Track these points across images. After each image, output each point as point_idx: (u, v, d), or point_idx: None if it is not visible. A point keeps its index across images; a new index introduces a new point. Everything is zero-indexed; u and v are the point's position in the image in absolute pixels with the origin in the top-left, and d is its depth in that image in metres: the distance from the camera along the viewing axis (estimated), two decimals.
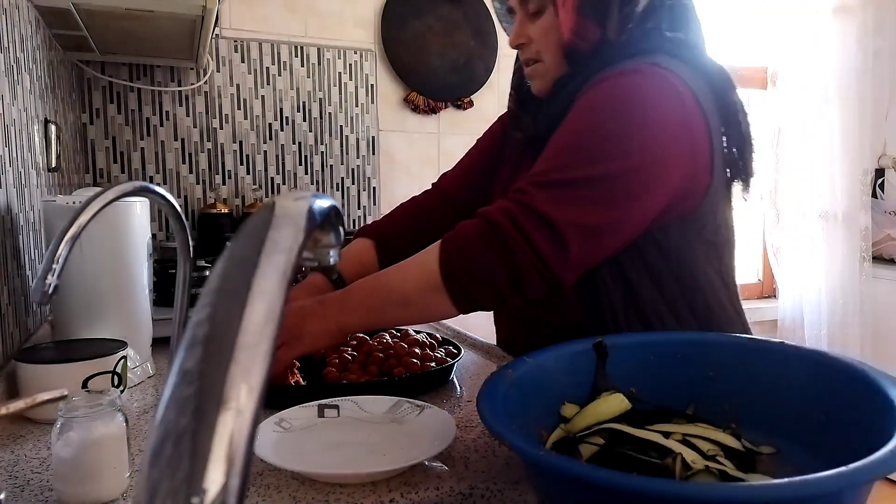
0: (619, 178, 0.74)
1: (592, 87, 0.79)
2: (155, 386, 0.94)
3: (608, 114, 0.76)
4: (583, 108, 0.78)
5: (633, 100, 0.76)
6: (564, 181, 0.73)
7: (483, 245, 0.72)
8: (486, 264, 0.72)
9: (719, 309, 0.86)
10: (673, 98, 0.77)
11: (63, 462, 0.58)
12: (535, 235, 0.71)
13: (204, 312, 0.20)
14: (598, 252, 0.77)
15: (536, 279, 0.72)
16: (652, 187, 0.76)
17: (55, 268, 0.58)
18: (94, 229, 0.69)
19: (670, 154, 0.76)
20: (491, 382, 0.57)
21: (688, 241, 0.83)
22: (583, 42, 0.84)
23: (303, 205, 0.26)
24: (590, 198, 0.73)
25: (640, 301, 0.82)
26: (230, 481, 0.17)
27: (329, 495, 0.60)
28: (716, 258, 0.87)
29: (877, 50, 2.82)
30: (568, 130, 0.78)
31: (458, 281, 0.73)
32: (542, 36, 0.87)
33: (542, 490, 0.50)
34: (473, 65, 2.36)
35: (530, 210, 0.72)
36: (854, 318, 2.76)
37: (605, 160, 0.74)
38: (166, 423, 0.18)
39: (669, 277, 0.83)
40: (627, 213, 0.75)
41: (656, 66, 0.79)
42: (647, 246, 0.81)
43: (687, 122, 0.78)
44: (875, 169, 2.94)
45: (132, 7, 1.27)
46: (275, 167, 2.12)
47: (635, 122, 0.75)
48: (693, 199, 0.81)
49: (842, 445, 0.52)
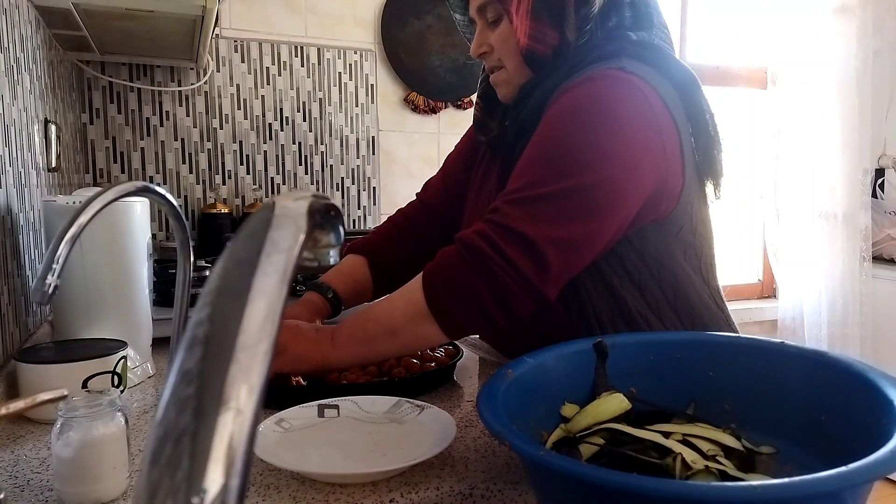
0: (592, 189, 0.74)
1: (561, 97, 0.79)
2: (155, 386, 0.94)
3: (577, 125, 0.76)
4: (552, 119, 0.78)
5: (602, 109, 0.76)
6: (538, 196, 0.74)
7: (464, 269, 0.73)
8: (470, 288, 0.73)
9: (702, 307, 0.86)
10: (641, 103, 0.77)
11: (63, 462, 0.58)
12: (514, 254, 0.72)
13: (204, 312, 0.20)
14: (578, 263, 0.77)
15: (521, 297, 0.73)
16: (626, 195, 0.76)
17: (55, 268, 0.58)
18: (94, 229, 0.69)
19: (642, 160, 0.77)
20: (491, 382, 0.57)
21: (666, 243, 0.83)
22: (540, 46, 0.84)
23: (303, 205, 0.26)
24: (565, 211, 0.73)
25: (624, 305, 0.82)
26: (230, 481, 0.17)
27: (329, 495, 0.60)
28: (694, 257, 0.87)
29: (877, 50, 2.82)
30: (539, 143, 0.78)
31: (444, 307, 0.74)
32: (501, 43, 0.87)
33: (542, 490, 0.50)
34: (473, 65, 2.35)
35: (506, 229, 0.72)
36: (854, 318, 2.76)
37: (578, 172, 0.74)
38: (166, 423, 0.18)
39: (650, 280, 0.83)
40: (604, 224, 0.76)
41: (622, 70, 0.78)
42: (626, 251, 0.82)
43: (657, 127, 0.78)
44: (875, 169, 2.94)
45: (132, 7, 1.27)
46: (275, 167, 2.12)
47: (605, 131, 0.75)
48: (667, 203, 0.81)
49: (842, 445, 0.52)
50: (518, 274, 0.72)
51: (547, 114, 0.80)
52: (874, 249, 2.81)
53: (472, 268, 0.73)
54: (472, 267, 0.73)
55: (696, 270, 0.87)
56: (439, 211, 1.09)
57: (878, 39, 2.83)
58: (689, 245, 0.86)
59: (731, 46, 2.85)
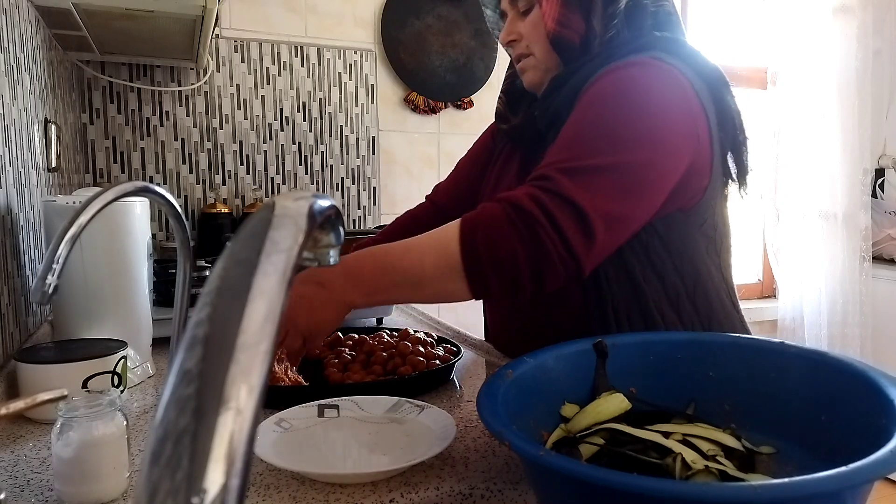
0: (639, 167, 0.74)
1: (601, 79, 0.79)
2: (155, 386, 0.94)
3: (621, 104, 0.76)
4: (593, 99, 0.78)
5: (643, 90, 0.77)
6: (592, 167, 0.72)
7: (510, 232, 0.69)
8: (511, 253, 0.70)
9: (719, 304, 0.87)
10: (678, 90, 0.78)
11: (63, 462, 0.58)
12: (566, 224, 0.69)
13: (204, 312, 0.20)
14: (617, 241, 0.76)
15: (559, 269, 0.71)
16: (666, 177, 0.77)
17: (55, 268, 0.58)
18: (94, 229, 0.69)
19: (681, 144, 0.78)
20: (491, 382, 0.57)
21: (690, 234, 0.84)
22: (568, 31, 0.85)
23: (303, 205, 0.26)
24: (618, 185, 0.72)
25: (643, 297, 0.82)
26: (230, 481, 0.17)
27: (329, 495, 0.60)
28: (714, 253, 0.88)
29: (877, 50, 2.82)
30: (581, 120, 0.78)
31: (480, 268, 0.71)
32: (531, 30, 0.89)
33: (542, 490, 0.50)
34: (473, 65, 2.36)
35: (561, 197, 0.70)
36: (854, 318, 2.76)
37: (625, 149, 0.73)
38: (166, 423, 0.18)
39: (672, 271, 0.83)
40: (646, 203, 0.76)
41: (662, 60, 0.80)
42: (651, 239, 0.82)
43: (692, 115, 0.79)
44: (875, 169, 2.94)
45: (132, 7, 1.27)
46: (275, 167, 2.12)
47: (648, 112, 0.76)
48: (693, 192, 0.82)
49: (842, 445, 0.52)
50: (565, 244, 0.70)
51: (585, 95, 0.80)
52: (874, 249, 2.81)
53: (518, 232, 0.69)
54: (519, 231, 0.69)
55: (716, 267, 0.88)
56: (450, 212, 1.09)
57: (878, 39, 2.83)
58: (710, 240, 0.87)
59: (731, 46, 2.85)
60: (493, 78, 2.39)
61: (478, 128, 2.38)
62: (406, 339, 1.01)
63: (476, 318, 1.03)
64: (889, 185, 2.93)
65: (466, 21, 2.33)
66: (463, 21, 2.33)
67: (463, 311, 2.41)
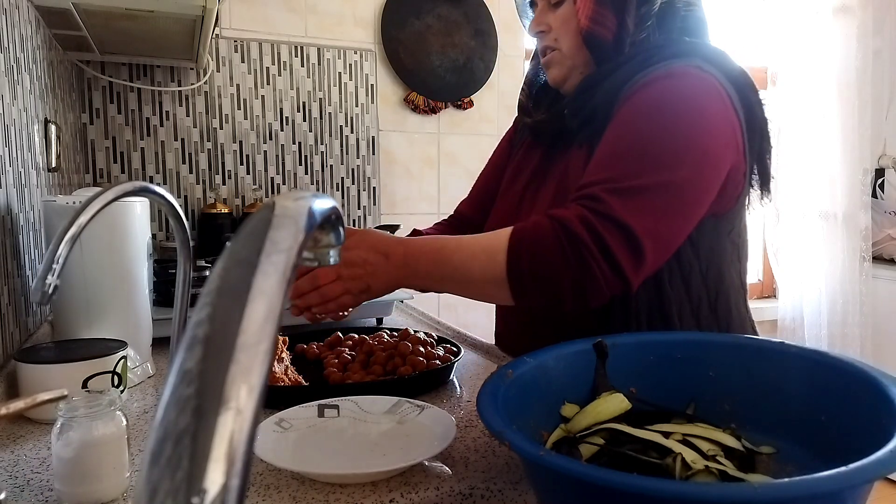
0: (687, 185, 0.74)
1: (640, 91, 0.79)
2: (155, 386, 0.94)
3: (667, 119, 0.76)
4: (637, 112, 0.78)
5: (688, 104, 0.77)
6: (641, 188, 0.72)
7: (557, 255, 0.70)
8: (555, 275, 0.71)
9: (736, 311, 0.87)
10: (720, 101, 0.78)
11: (63, 462, 0.58)
12: (616, 247, 0.70)
13: (204, 312, 0.20)
14: (664, 259, 0.77)
15: (604, 291, 0.71)
16: (710, 193, 0.77)
17: (55, 268, 0.58)
18: (94, 229, 0.69)
19: (725, 157, 0.78)
20: (491, 382, 0.57)
21: (719, 240, 0.84)
22: (601, 29, 0.85)
23: (303, 205, 0.26)
24: (667, 204, 0.73)
25: (668, 300, 0.82)
26: (230, 481, 0.17)
27: (329, 495, 0.60)
28: (737, 259, 0.88)
29: (877, 50, 2.82)
30: (630, 134, 0.77)
31: (523, 283, 0.73)
32: (561, 24, 0.88)
33: (542, 490, 0.50)
34: (473, 65, 2.36)
35: (611, 220, 0.70)
36: (854, 318, 2.76)
37: (679, 166, 0.73)
38: (166, 423, 0.18)
39: (698, 277, 0.83)
40: (694, 219, 0.76)
41: (700, 69, 0.79)
42: (682, 244, 0.82)
43: (732, 126, 0.79)
44: (875, 169, 2.94)
45: (132, 7, 1.27)
46: (275, 167, 2.12)
47: (694, 127, 0.75)
48: (728, 200, 0.82)
49: (842, 445, 0.52)
50: (613, 267, 0.70)
51: (627, 106, 0.79)
52: (874, 249, 2.81)
53: (565, 256, 0.70)
54: (566, 255, 0.70)
55: (737, 272, 0.88)
56: (475, 220, 1.08)
57: (878, 39, 2.83)
58: (735, 247, 0.87)
59: (731, 46, 2.85)
60: (493, 78, 2.39)
61: (478, 128, 2.41)
62: (406, 339, 1.01)
63: (476, 319, 1.03)
64: (889, 185, 2.93)
65: (466, 21, 2.33)
66: (463, 21, 2.33)
67: (463, 311, 2.42)
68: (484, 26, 2.35)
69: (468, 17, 2.33)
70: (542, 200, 0.91)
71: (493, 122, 2.42)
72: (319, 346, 1.06)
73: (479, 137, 2.40)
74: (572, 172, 0.86)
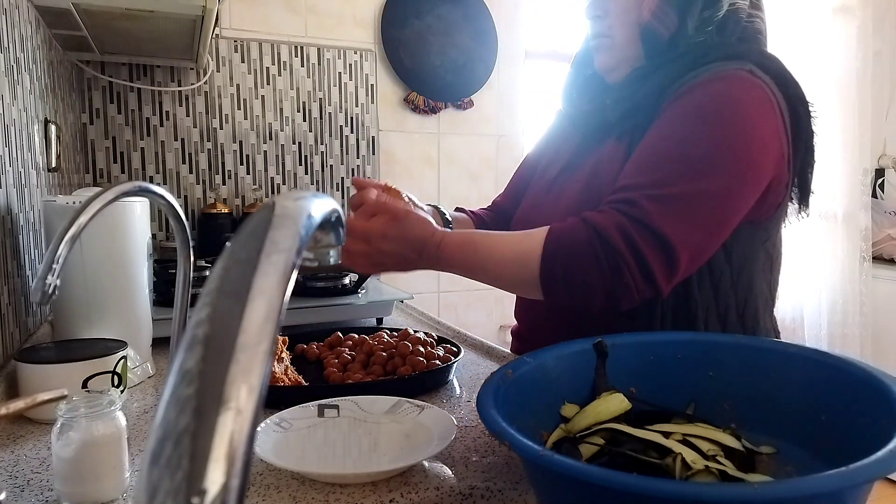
0: (730, 194, 0.73)
1: (693, 91, 0.77)
2: (155, 386, 0.94)
3: (716, 125, 0.74)
4: (688, 113, 0.76)
5: (741, 109, 0.75)
6: (682, 196, 0.71)
7: (591, 262, 0.70)
8: (588, 282, 0.71)
9: (763, 321, 0.86)
10: (769, 111, 0.76)
11: (63, 462, 0.58)
12: (651, 256, 0.69)
13: (204, 312, 0.20)
14: (698, 266, 0.76)
15: (635, 298, 0.71)
16: (748, 203, 0.76)
17: (55, 268, 0.58)
18: (94, 229, 0.69)
19: (769, 166, 0.76)
20: (491, 382, 0.57)
21: (753, 248, 0.83)
22: (660, 26, 0.83)
23: (303, 205, 0.26)
24: (708, 214, 0.72)
25: (695, 303, 0.81)
26: (230, 481, 0.17)
27: (329, 495, 0.60)
28: (769, 270, 0.86)
29: (877, 50, 2.82)
30: (675, 136, 0.76)
31: (555, 286, 0.72)
32: (620, 12, 0.86)
33: (542, 490, 0.50)
34: (473, 65, 2.36)
35: (648, 229, 0.70)
36: (854, 318, 2.76)
37: (719, 175, 0.72)
38: (166, 423, 0.18)
39: (728, 283, 0.82)
40: (731, 227, 0.75)
41: (752, 74, 0.78)
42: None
43: (779, 136, 0.77)
44: (875, 169, 2.95)
45: (132, 7, 1.27)
46: (275, 167, 2.12)
47: (747, 134, 0.74)
48: (767, 209, 0.81)
49: (842, 445, 0.52)
50: (646, 276, 0.70)
51: (674, 107, 0.78)
52: (874, 249, 2.81)
53: (599, 264, 0.70)
54: (600, 263, 0.70)
55: (767, 283, 0.86)
56: (509, 210, 1.06)
57: (878, 39, 2.83)
58: (768, 256, 0.86)
59: None
60: (493, 78, 2.39)
61: (478, 128, 2.41)
62: (406, 339, 1.01)
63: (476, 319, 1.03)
64: (889, 185, 2.93)
65: (466, 21, 2.33)
66: (463, 21, 2.33)
67: (463, 311, 2.42)
68: (484, 26, 2.35)
69: (468, 17, 2.33)
70: (571, 191, 0.89)
71: (493, 122, 2.42)
72: (319, 346, 1.06)
73: (479, 137, 2.40)
74: (606, 165, 0.84)
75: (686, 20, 0.82)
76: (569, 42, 2.63)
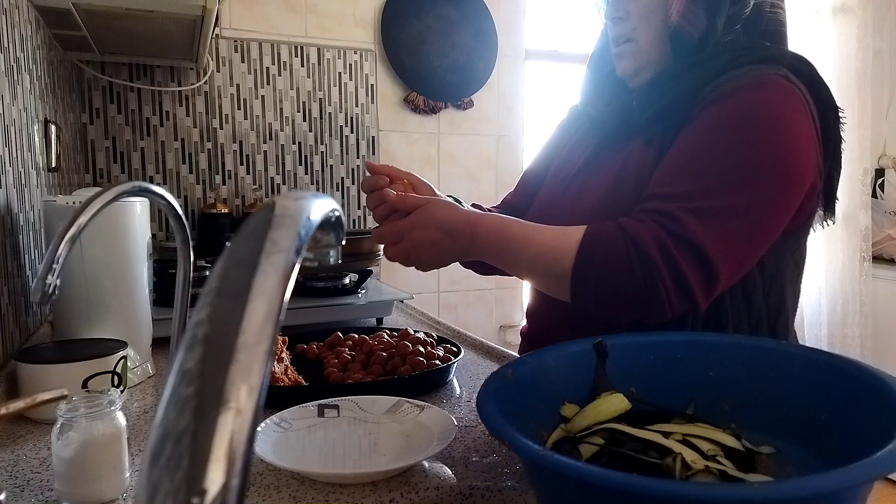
0: (771, 206, 0.71)
1: (727, 99, 0.75)
2: (155, 386, 0.94)
3: (758, 134, 0.72)
4: (723, 122, 0.74)
5: (778, 118, 0.73)
6: (722, 209, 0.69)
7: (626, 273, 0.68)
8: (621, 293, 0.69)
9: (791, 331, 0.85)
10: (805, 118, 0.75)
11: (63, 462, 0.58)
12: (690, 274, 0.68)
13: (204, 312, 0.20)
14: (735, 280, 0.74)
15: (666, 313, 0.70)
16: (789, 214, 0.74)
17: (55, 268, 0.58)
18: (94, 229, 0.69)
19: (808, 177, 0.74)
20: (491, 382, 0.57)
21: (784, 258, 0.81)
22: (690, 28, 0.80)
23: (303, 205, 0.26)
24: (747, 228, 0.70)
25: (724, 314, 0.79)
26: (230, 481, 0.17)
27: (329, 495, 0.60)
28: (795, 280, 0.85)
29: (877, 50, 2.82)
30: (711, 146, 0.73)
31: (585, 289, 0.71)
32: (643, 14, 0.83)
33: (541, 490, 0.50)
34: (473, 65, 2.36)
35: (686, 243, 0.68)
36: (854, 318, 2.76)
37: (761, 186, 0.71)
38: (166, 423, 0.18)
39: (761, 294, 0.80)
40: (770, 240, 0.74)
41: (787, 79, 0.76)
42: None
43: (814, 144, 0.75)
44: (875, 169, 2.94)
45: (132, 7, 1.27)
46: (275, 167, 2.12)
47: (785, 144, 0.72)
48: (798, 217, 0.79)
49: (842, 445, 0.52)
50: (682, 292, 0.68)
51: (709, 114, 0.76)
52: (874, 249, 2.81)
53: (635, 276, 0.68)
54: (635, 275, 0.68)
55: (792, 293, 0.85)
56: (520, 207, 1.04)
57: (878, 39, 2.83)
58: (796, 266, 0.84)
59: None
60: (493, 78, 2.39)
61: (478, 128, 2.41)
62: (406, 339, 1.01)
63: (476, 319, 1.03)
64: (889, 185, 2.93)
65: (466, 21, 2.33)
66: (463, 21, 2.33)
67: (463, 311, 2.42)
68: (484, 26, 2.36)
69: (468, 17, 2.33)
70: (594, 190, 0.86)
71: (492, 122, 2.42)
72: (319, 346, 1.06)
73: (478, 137, 2.40)
74: (634, 168, 0.82)
75: (715, 19, 0.80)
76: (569, 42, 2.63)
